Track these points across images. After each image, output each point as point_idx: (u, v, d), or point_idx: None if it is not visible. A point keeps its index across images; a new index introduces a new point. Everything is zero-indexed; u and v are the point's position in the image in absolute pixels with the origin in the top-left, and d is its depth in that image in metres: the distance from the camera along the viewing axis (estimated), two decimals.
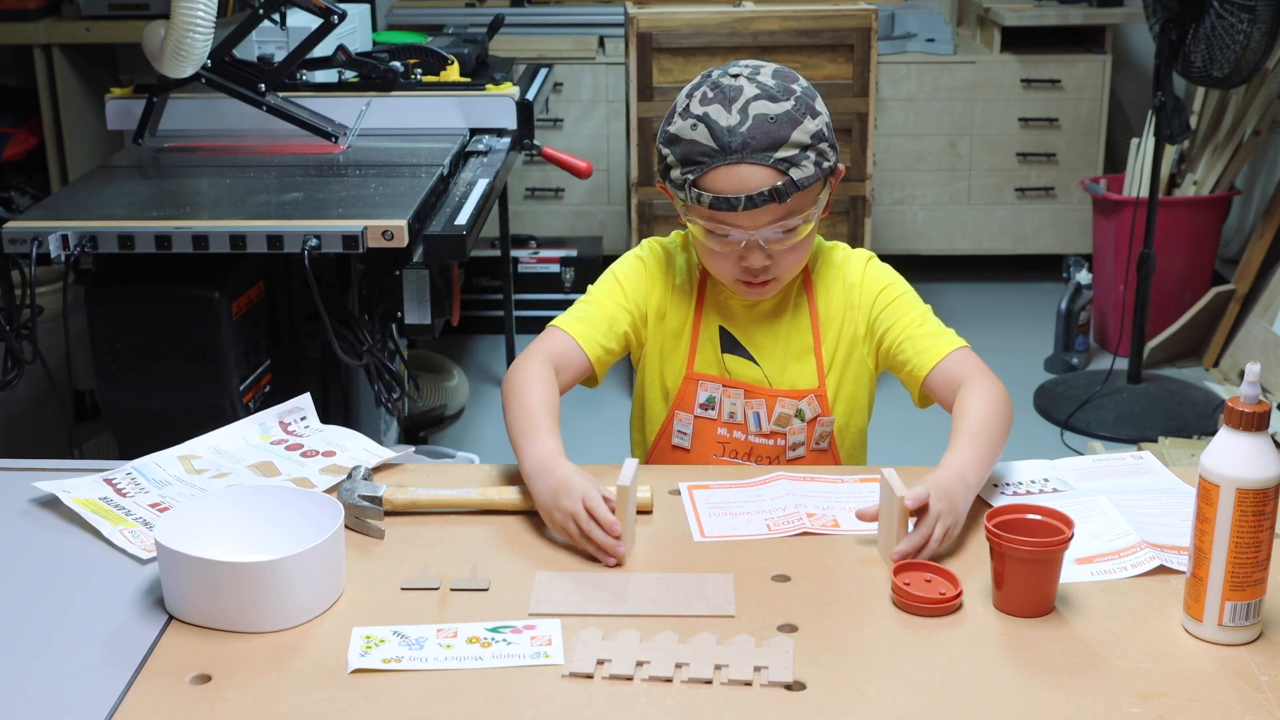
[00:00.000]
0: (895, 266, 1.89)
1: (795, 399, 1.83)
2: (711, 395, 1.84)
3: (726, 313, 1.85)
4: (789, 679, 1.29)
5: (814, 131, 1.68)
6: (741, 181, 1.66)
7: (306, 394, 1.85)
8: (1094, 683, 1.29)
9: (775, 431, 1.83)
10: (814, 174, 1.68)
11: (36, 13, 4.35)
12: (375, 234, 2.35)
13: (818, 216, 1.74)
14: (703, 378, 1.84)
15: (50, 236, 2.30)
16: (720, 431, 1.85)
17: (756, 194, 1.66)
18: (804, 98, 1.70)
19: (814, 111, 1.70)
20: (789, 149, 1.66)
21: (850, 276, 1.85)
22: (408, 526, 1.60)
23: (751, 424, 1.84)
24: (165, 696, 1.27)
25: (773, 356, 1.84)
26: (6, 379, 2.47)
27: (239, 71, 2.81)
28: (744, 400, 1.83)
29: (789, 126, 1.67)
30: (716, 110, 1.67)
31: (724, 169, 1.67)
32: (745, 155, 1.66)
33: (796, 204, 1.69)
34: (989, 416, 1.68)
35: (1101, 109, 4.69)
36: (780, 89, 1.69)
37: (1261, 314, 4.09)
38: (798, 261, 1.77)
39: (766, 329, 1.84)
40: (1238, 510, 1.30)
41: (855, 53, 3.80)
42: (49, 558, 1.54)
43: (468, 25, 4.09)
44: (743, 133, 1.66)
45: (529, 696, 1.27)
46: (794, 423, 1.84)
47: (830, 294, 1.85)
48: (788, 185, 1.66)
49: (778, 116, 1.66)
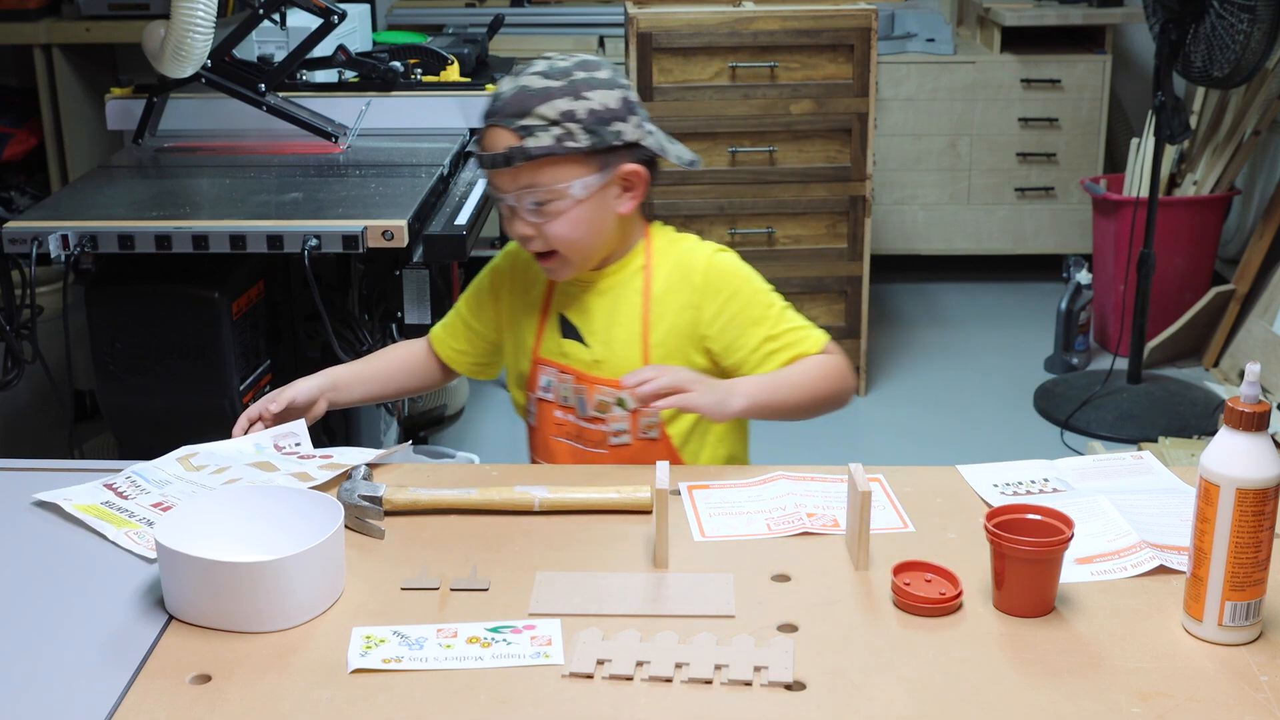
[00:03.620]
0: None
1: (615, 389, 1.87)
2: (549, 379, 1.91)
3: (568, 301, 1.91)
4: (789, 679, 1.29)
5: (564, 110, 1.74)
6: (490, 141, 1.77)
7: (301, 420, 1.85)
8: (1094, 683, 1.29)
9: (596, 417, 1.89)
10: (551, 147, 1.74)
11: (36, 13, 4.35)
12: (375, 234, 2.35)
13: (579, 196, 1.77)
14: (543, 362, 1.92)
15: (50, 236, 2.30)
16: (557, 414, 1.92)
17: (496, 155, 1.75)
18: (578, 83, 1.77)
19: (580, 96, 1.76)
20: (532, 118, 1.73)
21: (690, 273, 1.87)
22: (408, 526, 1.60)
23: (579, 408, 1.90)
24: (165, 696, 1.27)
25: (603, 344, 1.89)
26: (6, 379, 2.47)
27: (239, 71, 2.81)
28: (574, 385, 1.90)
29: (540, 99, 1.74)
30: (505, 80, 1.80)
31: (486, 129, 1.79)
32: (498, 118, 1.76)
33: (542, 175, 1.76)
34: (801, 376, 1.83)
35: (1101, 109, 4.69)
36: (562, 72, 1.77)
37: (1261, 314, 4.09)
38: (566, 239, 1.80)
39: (600, 315, 1.89)
40: (1238, 510, 1.30)
41: (855, 53, 3.80)
42: (49, 558, 1.54)
43: (468, 25, 4.09)
44: (504, 97, 1.76)
45: (529, 696, 1.27)
46: (614, 410, 1.88)
47: (667, 288, 1.88)
48: (516, 151, 1.74)
49: (536, 90, 1.75)
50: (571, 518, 1.62)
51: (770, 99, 3.84)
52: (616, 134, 1.78)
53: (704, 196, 3.90)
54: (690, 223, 3.92)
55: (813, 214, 3.94)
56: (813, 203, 3.92)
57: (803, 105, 3.85)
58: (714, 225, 3.93)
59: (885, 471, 1.72)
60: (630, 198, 1.83)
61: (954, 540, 1.56)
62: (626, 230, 1.87)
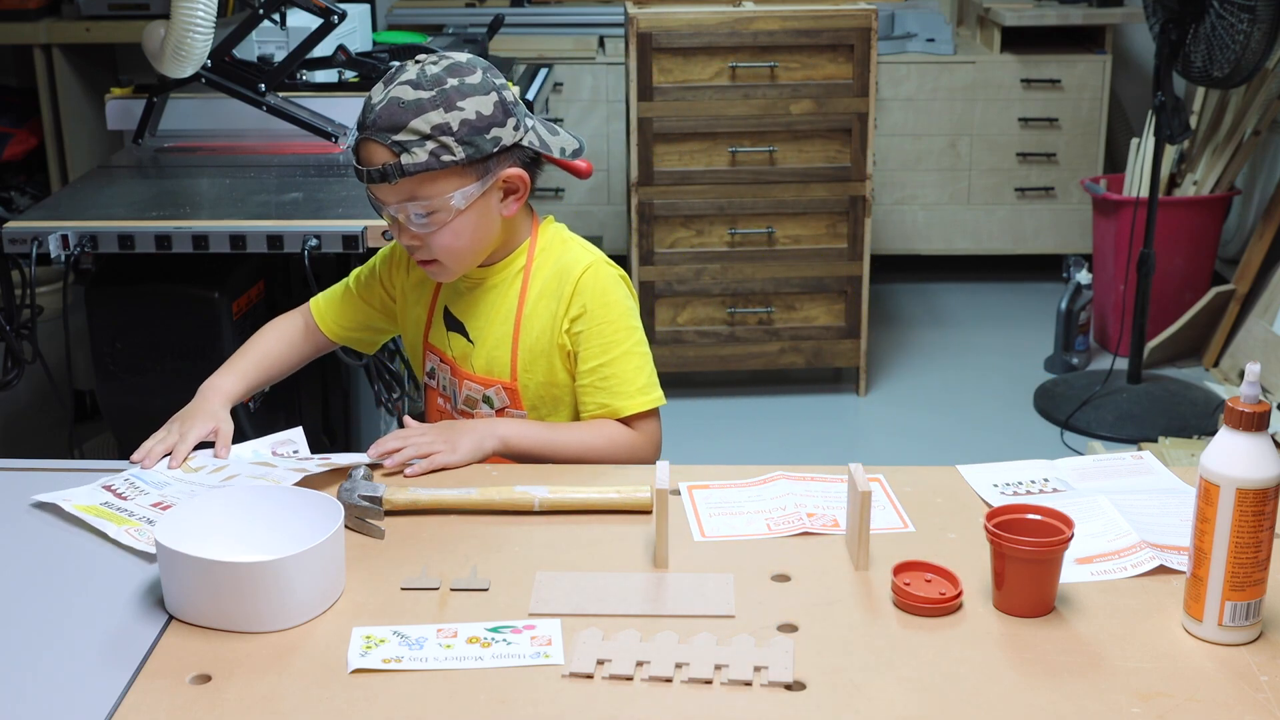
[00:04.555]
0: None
1: (483, 386, 1.90)
2: (432, 366, 1.96)
3: (454, 295, 1.93)
4: (789, 679, 1.29)
5: (438, 124, 1.72)
6: (367, 155, 1.75)
7: (299, 428, 1.85)
8: (1094, 683, 1.29)
9: (465, 411, 1.92)
10: (428, 162, 1.72)
11: (36, 13, 4.35)
12: (375, 234, 2.35)
13: (460, 207, 1.76)
14: (430, 349, 1.96)
15: (50, 236, 2.30)
16: (439, 401, 1.97)
17: (373, 170, 1.74)
18: (449, 92, 1.73)
19: (454, 106, 1.73)
20: (406, 134, 1.72)
21: (564, 277, 1.88)
22: (408, 526, 1.60)
23: (453, 399, 1.93)
24: (165, 696, 1.27)
25: (480, 339, 1.90)
26: (6, 379, 2.47)
27: (239, 71, 2.81)
28: (450, 376, 1.93)
29: (413, 113, 1.72)
30: (378, 87, 1.77)
31: (360, 143, 1.77)
32: (372, 132, 1.74)
33: (421, 189, 1.75)
34: (585, 440, 1.83)
35: (1101, 109, 4.69)
36: (431, 79, 1.74)
37: (1261, 314, 4.09)
38: (450, 248, 1.80)
39: (480, 312, 1.91)
40: (1238, 510, 1.30)
41: (855, 53, 3.80)
42: (49, 558, 1.54)
43: (468, 25, 4.09)
44: (376, 110, 1.74)
45: (529, 696, 1.27)
46: (482, 407, 1.91)
47: (541, 293, 1.88)
48: (392, 168, 1.72)
49: (408, 102, 1.72)
50: (571, 518, 1.62)
51: (770, 99, 3.84)
52: (494, 141, 1.76)
53: (704, 196, 3.90)
54: (690, 223, 3.92)
55: (813, 214, 3.94)
56: (813, 203, 3.92)
57: (803, 105, 3.85)
58: (714, 225, 3.93)
59: (885, 471, 1.72)
60: (514, 200, 1.83)
61: (954, 540, 1.56)
62: (511, 230, 1.88)
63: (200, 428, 1.77)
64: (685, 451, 2.13)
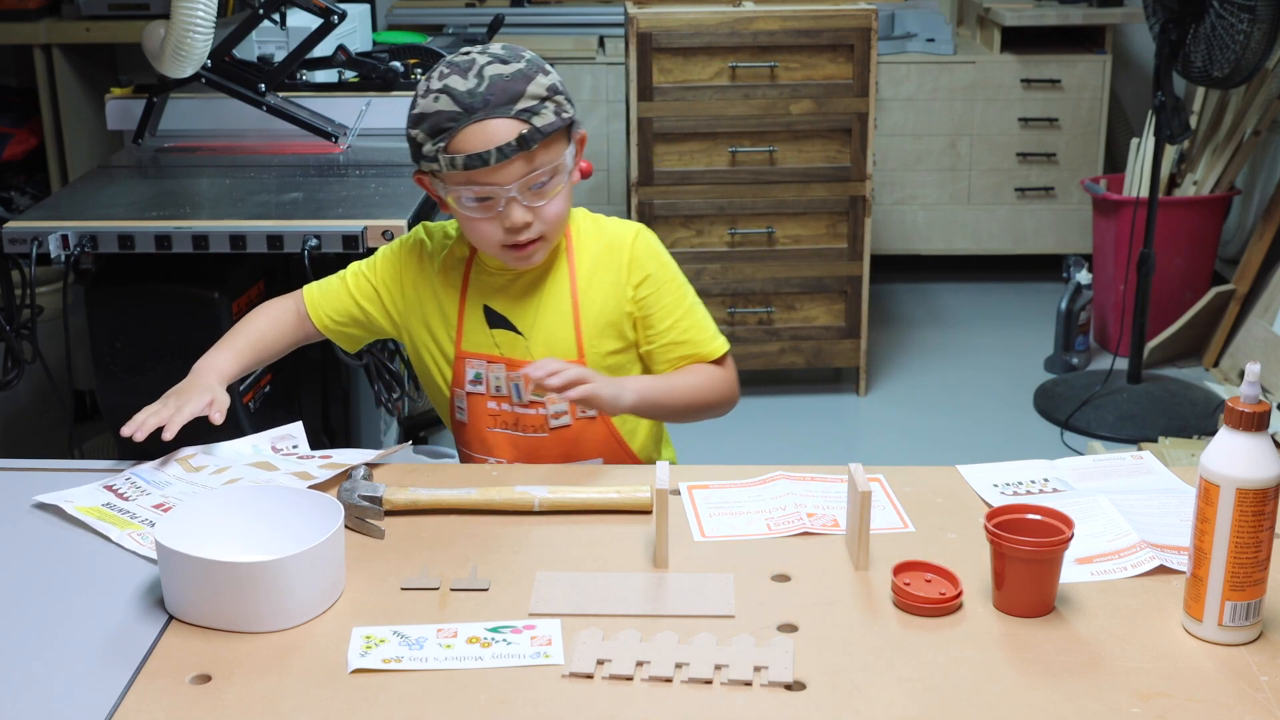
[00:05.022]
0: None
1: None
2: (478, 372, 1.90)
3: (490, 291, 1.90)
4: (789, 679, 1.29)
5: (548, 85, 1.77)
6: (489, 136, 1.73)
7: (299, 422, 1.84)
8: (1094, 683, 1.29)
9: (534, 401, 1.89)
10: (555, 121, 1.76)
11: (36, 13, 4.35)
12: (375, 234, 2.35)
13: (568, 172, 1.81)
14: (469, 355, 1.90)
15: (50, 236, 2.30)
16: (490, 405, 1.91)
17: (505, 145, 1.73)
18: (534, 60, 1.80)
19: (545, 70, 1.79)
20: (528, 100, 1.74)
21: (616, 248, 1.90)
22: (408, 526, 1.60)
23: (514, 395, 1.89)
24: (165, 696, 1.27)
25: (535, 327, 1.89)
26: (6, 379, 2.47)
27: (239, 71, 2.81)
28: (506, 373, 1.89)
29: (524, 81, 1.75)
30: (455, 80, 1.75)
31: (471, 128, 1.73)
32: (489, 111, 1.73)
33: (543, 155, 1.77)
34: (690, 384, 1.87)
35: (1101, 109, 4.69)
36: (511, 54, 1.78)
37: (1261, 314, 4.09)
38: (557, 218, 1.82)
39: (528, 301, 1.89)
40: (1238, 510, 1.30)
41: (855, 53, 3.80)
42: (49, 558, 1.54)
43: (468, 25, 4.09)
44: (482, 92, 1.73)
45: (529, 696, 1.27)
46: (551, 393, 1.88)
47: (594, 264, 1.89)
48: (532, 133, 1.74)
49: (512, 75, 1.75)
50: (571, 518, 1.62)
51: (770, 99, 3.84)
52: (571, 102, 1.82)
53: (704, 196, 3.90)
54: (690, 222, 3.92)
55: (813, 214, 3.94)
56: (813, 203, 3.92)
57: (803, 105, 3.85)
58: (714, 225, 3.93)
59: (885, 471, 1.72)
60: (578, 167, 1.86)
61: (954, 540, 1.56)
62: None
63: (197, 400, 1.73)
64: (685, 451, 2.12)
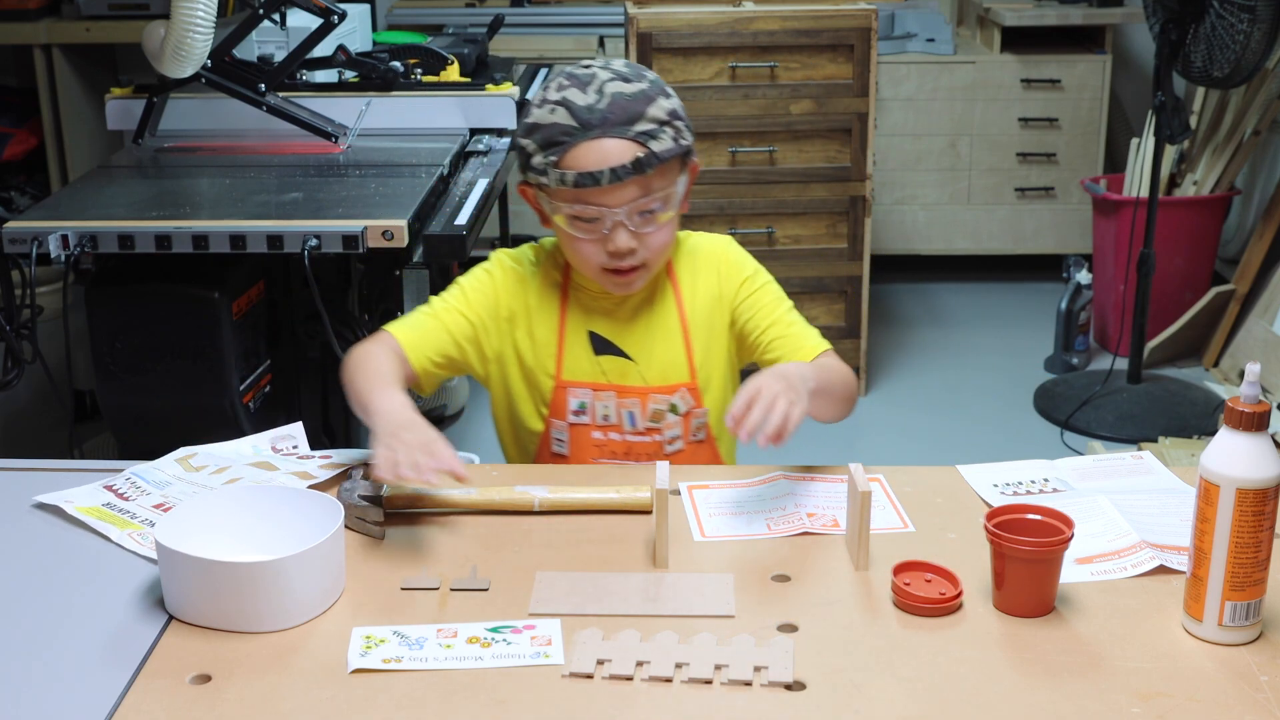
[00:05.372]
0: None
1: (668, 394, 1.83)
2: (583, 401, 1.82)
3: (594, 315, 1.83)
4: (789, 679, 1.29)
5: (669, 109, 1.72)
6: (604, 155, 1.68)
7: (299, 422, 1.84)
8: (1094, 683, 1.29)
9: (651, 428, 1.84)
10: (673, 148, 1.71)
11: (36, 13, 4.35)
12: (375, 234, 2.35)
13: (679, 202, 1.76)
14: (572, 385, 1.83)
15: (50, 236, 2.30)
16: (595, 435, 1.84)
17: (619, 166, 1.67)
18: (656, 82, 1.75)
19: (666, 93, 1.74)
20: (647, 122, 1.69)
21: (714, 263, 1.86)
22: (408, 526, 1.60)
23: (626, 423, 1.83)
24: (165, 696, 1.27)
25: (645, 353, 1.84)
26: (6, 379, 2.47)
27: (239, 71, 2.81)
28: (616, 401, 1.83)
29: (645, 103, 1.70)
30: (574, 93, 1.70)
31: (586, 144, 1.68)
32: (606, 129, 1.68)
33: (657, 180, 1.71)
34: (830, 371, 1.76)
35: (1101, 109, 4.69)
36: (633, 73, 1.73)
37: (1261, 314, 4.09)
38: (663, 247, 1.77)
39: (636, 326, 1.84)
40: (1238, 510, 1.30)
41: (855, 53, 3.80)
42: (49, 558, 1.54)
43: (468, 25, 4.09)
44: (601, 109, 1.68)
45: (529, 696, 1.27)
46: (668, 417, 1.84)
47: (695, 284, 1.86)
48: (649, 157, 1.68)
49: (634, 94, 1.70)
50: (571, 518, 1.62)
51: (770, 99, 3.84)
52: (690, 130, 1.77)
53: (704, 196, 3.90)
54: (690, 223, 3.89)
55: (813, 214, 3.94)
56: (813, 203, 3.92)
57: (803, 105, 3.85)
58: (714, 225, 3.92)
59: (885, 471, 1.72)
60: (688, 198, 1.80)
61: (954, 540, 1.56)
62: None
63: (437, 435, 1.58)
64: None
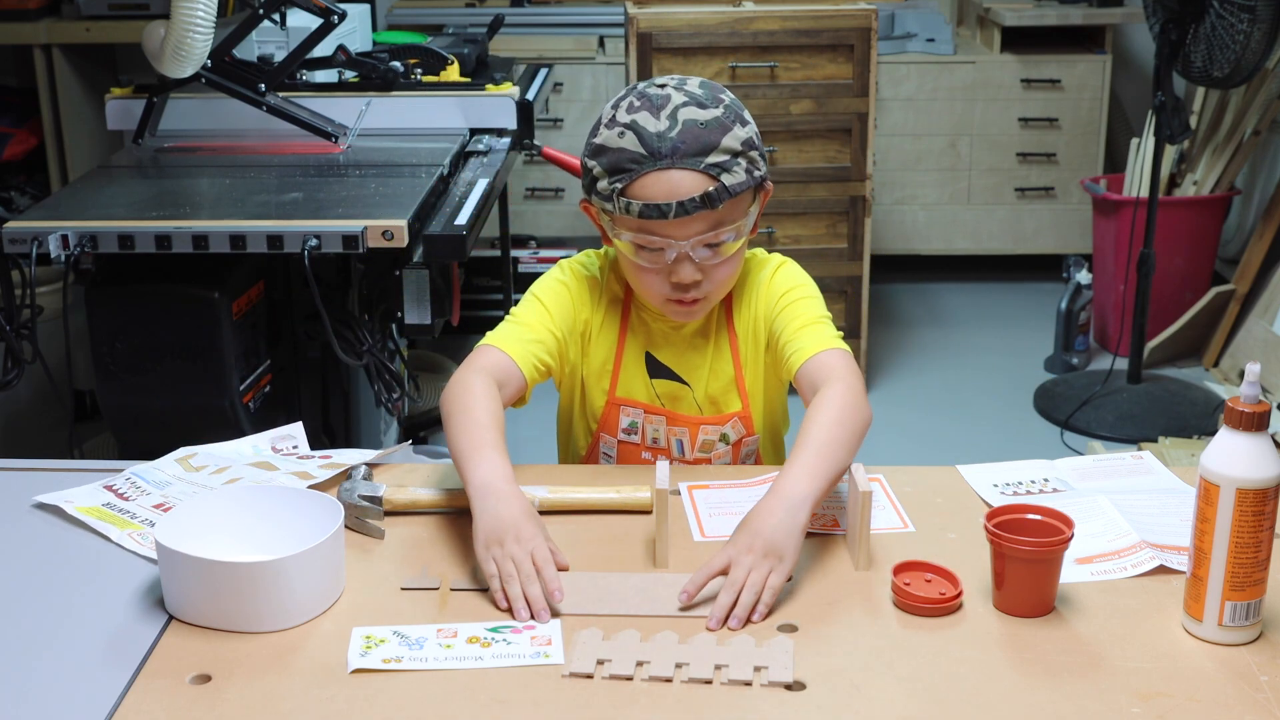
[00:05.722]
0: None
1: (719, 424, 1.80)
2: (634, 420, 1.80)
3: (652, 338, 1.79)
4: (789, 679, 1.29)
5: (744, 139, 1.63)
6: (673, 187, 1.60)
7: (299, 422, 1.84)
8: (1094, 683, 1.29)
9: (700, 458, 1.81)
10: (746, 181, 1.63)
11: (36, 13, 4.34)
12: (375, 234, 2.35)
13: (748, 232, 1.69)
14: (625, 403, 1.80)
15: (50, 236, 2.30)
16: (644, 455, 1.81)
17: (688, 200, 1.60)
18: (733, 106, 1.66)
19: (743, 120, 1.66)
20: (720, 154, 1.61)
21: (760, 287, 1.78)
22: (408, 526, 1.60)
23: (675, 450, 1.80)
24: (165, 696, 1.27)
25: (700, 381, 1.79)
26: (6, 379, 2.47)
27: (239, 71, 2.81)
28: (666, 427, 1.79)
29: (719, 132, 1.61)
30: (644, 117, 1.62)
31: (654, 175, 1.61)
32: (676, 160, 1.60)
33: (727, 213, 1.64)
34: (833, 429, 1.54)
35: (1101, 109, 4.69)
36: (709, 97, 1.64)
37: (1261, 314, 4.09)
38: (728, 279, 1.71)
39: (693, 353, 1.79)
40: (1238, 510, 1.30)
41: (855, 53, 3.80)
42: (49, 558, 1.54)
43: (468, 25, 4.08)
44: (672, 138, 1.60)
45: (529, 696, 1.27)
46: (719, 446, 1.81)
47: (745, 313, 1.79)
48: (720, 191, 1.61)
49: (708, 122, 1.61)
50: (571, 518, 1.62)
51: (770, 99, 3.84)
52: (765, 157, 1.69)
53: None
54: None
55: (813, 214, 3.94)
56: (813, 203, 3.92)
57: (803, 105, 3.85)
58: None
59: (885, 471, 1.72)
60: (757, 223, 1.72)
61: (954, 540, 1.56)
62: None
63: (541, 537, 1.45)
64: None
